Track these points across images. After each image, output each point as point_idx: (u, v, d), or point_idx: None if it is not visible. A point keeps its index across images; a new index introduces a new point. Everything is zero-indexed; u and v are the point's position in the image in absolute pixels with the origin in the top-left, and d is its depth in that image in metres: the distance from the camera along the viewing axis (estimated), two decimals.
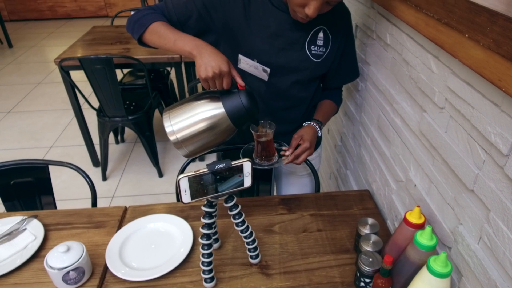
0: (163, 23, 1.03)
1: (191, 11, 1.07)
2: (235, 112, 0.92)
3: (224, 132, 0.94)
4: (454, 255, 0.81)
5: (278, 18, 1.08)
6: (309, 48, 1.12)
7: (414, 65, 0.96)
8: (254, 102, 0.95)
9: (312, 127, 1.17)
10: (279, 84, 1.17)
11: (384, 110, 1.18)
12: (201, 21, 1.09)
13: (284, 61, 1.13)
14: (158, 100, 2.80)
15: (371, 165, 1.32)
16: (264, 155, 1.13)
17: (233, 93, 0.93)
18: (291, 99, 1.22)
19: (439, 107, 0.85)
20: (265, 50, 1.12)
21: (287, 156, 1.12)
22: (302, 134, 1.13)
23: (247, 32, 1.11)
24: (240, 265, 1.03)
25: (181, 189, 0.81)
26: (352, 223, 1.15)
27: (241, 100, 0.92)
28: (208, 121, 0.92)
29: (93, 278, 1.00)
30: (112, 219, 1.20)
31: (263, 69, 1.14)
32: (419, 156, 0.96)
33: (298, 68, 1.14)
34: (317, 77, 1.21)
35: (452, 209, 0.82)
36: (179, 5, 1.07)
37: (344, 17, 1.16)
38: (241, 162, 0.85)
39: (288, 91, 1.19)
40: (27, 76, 4.45)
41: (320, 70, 1.18)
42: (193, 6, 1.07)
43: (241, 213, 0.95)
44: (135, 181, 2.70)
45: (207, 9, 1.07)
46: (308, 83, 1.21)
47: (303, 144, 1.11)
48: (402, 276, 0.85)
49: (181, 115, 0.95)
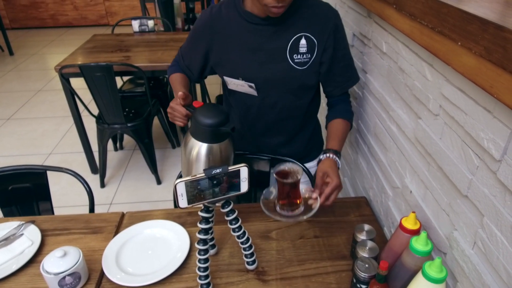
0: (173, 76, 1.25)
1: (190, 56, 1.23)
2: (199, 133, 0.88)
3: (213, 152, 0.90)
4: (449, 261, 0.82)
5: (254, 33, 1.09)
6: (291, 58, 1.10)
7: (409, 73, 0.98)
8: (211, 111, 0.89)
9: (331, 160, 1.07)
10: (270, 97, 1.18)
11: (380, 117, 1.19)
12: (200, 57, 1.20)
13: (268, 74, 1.12)
14: (158, 107, 2.81)
15: (368, 172, 1.33)
16: (287, 202, 1.02)
17: (191, 118, 0.92)
18: (286, 110, 1.22)
19: (434, 114, 0.86)
20: (246, 67, 1.13)
21: (315, 198, 1.00)
22: (326, 171, 1.03)
23: (227, 52, 1.14)
24: (236, 271, 1.03)
25: (178, 194, 0.82)
26: (349, 229, 1.16)
27: (195, 118, 0.88)
28: (195, 155, 0.90)
29: (89, 284, 1.00)
30: (109, 225, 1.20)
31: (249, 85, 1.15)
32: (415, 163, 0.97)
33: (285, 79, 1.13)
34: (311, 85, 1.18)
35: (447, 215, 0.82)
36: (183, 55, 1.27)
37: (330, 19, 1.09)
38: (238, 168, 0.85)
39: (280, 103, 1.19)
40: (27, 83, 4.47)
41: (309, 77, 1.14)
42: (189, 51, 1.22)
43: (238, 218, 0.95)
44: (133, 188, 2.70)
45: (197, 47, 1.18)
46: (300, 93, 1.19)
47: (332, 182, 1.01)
48: (398, 282, 0.85)
49: (184, 171, 0.94)
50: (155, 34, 3.09)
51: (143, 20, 3.13)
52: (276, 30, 1.08)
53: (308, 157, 1.37)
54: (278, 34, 1.08)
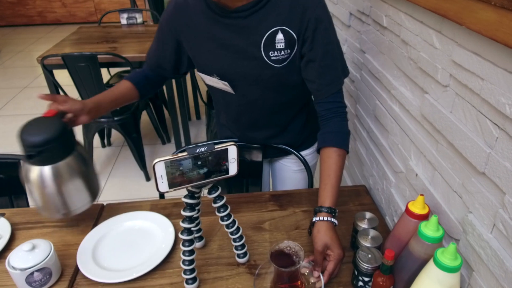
0: (118, 84, 1.12)
1: (159, 54, 1.12)
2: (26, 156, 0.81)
3: (72, 173, 0.86)
4: (462, 248, 0.73)
5: (223, 26, 0.97)
6: (266, 55, 0.96)
7: (414, 44, 0.89)
8: (33, 127, 0.84)
9: (327, 224, 0.88)
10: (249, 94, 1.07)
11: (381, 98, 1.11)
12: (172, 52, 1.10)
13: (243, 70, 1.01)
14: (146, 101, 2.71)
15: (367, 158, 1.24)
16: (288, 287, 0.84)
17: None
18: (269, 107, 1.11)
19: (443, 85, 0.78)
20: (219, 63, 1.02)
21: (318, 277, 0.85)
22: (325, 242, 0.86)
23: (197, 47, 1.03)
24: (226, 265, 0.94)
25: (157, 176, 0.72)
26: (348, 219, 1.07)
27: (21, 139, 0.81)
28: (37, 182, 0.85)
29: (62, 281, 0.90)
30: (87, 217, 1.09)
31: (223, 83, 1.05)
32: (421, 143, 0.88)
33: (262, 77, 1.00)
34: (294, 83, 1.03)
35: (459, 196, 0.74)
36: (150, 54, 1.15)
37: (309, 8, 0.92)
38: (225, 146, 0.76)
39: (261, 100, 1.08)
40: (13, 80, 4.34)
41: (290, 75, 1.00)
42: (158, 47, 1.11)
43: (226, 205, 0.86)
44: (121, 185, 2.59)
45: (165, 42, 1.08)
46: (283, 90, 1.05)
47: (334, 255, 0.85)
48: (405, 272, 0.76)
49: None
50: (143, 26, 2.98)
51: (132, 13, 3.02)
52: (248, 23, 0.94)
53: (305, 144, 1.27)
54: (250, 29, 0.95)
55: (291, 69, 0.99)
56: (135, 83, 1.13)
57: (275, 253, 0.82)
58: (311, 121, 1.23)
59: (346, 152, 0.99)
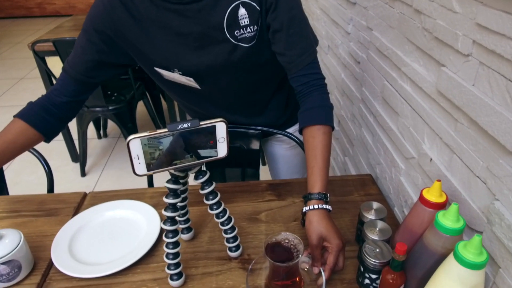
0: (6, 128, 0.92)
1: (86, 57, 0.91)
2: None
3: None
4: (486, 241, 0.63)
5: (177, 13, 0.84)
6: (232, 35, 0.85)
7: (429, 12, 0.79)
8: None
9: (320, 213, 0.78)
10: (218, 84, 0.95)
11: (389, 78, 1.01)
12: (106, 56, 0.91)
13: (209, 59, 0.89)
14: (143, 91, 2.61)
15: (374, 145, 1.14)
16: (285, 284, 0.75)
17: None
18: (243, 90, 1.00)
19: (464, 54, 0.67)
20: (178, 55, 0.89)
21: (319, 273, 0.75)
22: (320, 233, 0.75)
23: (148, 42, 0.88)
24: (216, 259, 0.84)
25: (133, 155, 0.62)
26: (353, 210, 0.97)
27: None
28: None
29: (33, 275, 0.81)
30: (67, 206, 1.00)
31: (187, 79, 0.93)
32: (436, 124, 0.78)
33: (231, 61, 0.89)
34: (266, 60, 0.93)
35: (483, 182, 0.64)
36: (76, 61, 0.92)
37: None
38: (212, 123, 0.66)
39: (232, 85, 0.97)
40: (10, 71, 4.27)
41: (261, 53, 0.90)
42: (87, 48, 0.90)
43: (216, 192, 0.76)
44: (116, 177, 2.50)
45: (94, 40, 0.89)
46: (256, 69, 0.95)
47: (332, 246, 0.74)
48: (418, 269, 0.67)
49: None
50: None
51: None
52: (203, 5, 0.83)
53: (292, 121, 1.17)
54: (207, 10, 0.83)
55: (261, 46, 0.89)
56: (32, 122, 0.91)
57: (271, 245, 0.73)
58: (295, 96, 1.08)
59: (331, 128, 0.89)
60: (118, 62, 0.95)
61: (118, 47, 0.91)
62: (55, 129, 0.97)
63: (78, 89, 0.95)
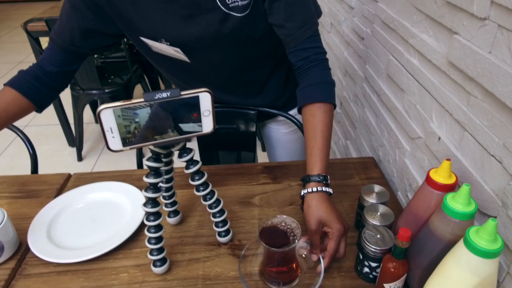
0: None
1: (73, 26, 0.85)
2: None
3: None
4: (501, 227, 0.56)
5: None
6: (223, 3, 0.78)
7: None
8: None
9: (320, 196, 0.72)
10: (209, 59, 0.88)
11: (395, 52, 0.93)
12: (95, 21, 0.85)
13: (198, 30, 0.82)
14: (140, 73, 2.54)
15: (377, 126, 1.07)
16: (280, 271, 0.69)
17: None
18: (237, 67, 0.93)
19: (480, 18, 0.60)
20: (166, 25, 0.82)
21: (317, 260, 0.69)
22: (319, 218, 0.69)
23: (135, 8, 0.81)
24: (204, 244, 0.78)
25: (105, 129, 0.56)
26: (353, 194, 0.90)
27: None
28: None
29: (10, 259, 0.75)
30: (50, 188, 0.95)
31: (174, 50, 0.86)
32: (446, 99, 0.71)
33: (222, 32, 0.82)
34: (262, 34, 0.85)
35: (498, 161, 0.57)
36: (62, 30, 0.86)
37: None
38: (195, 93, 0.59)
39: (226, 61, 0.90)
40: (8, 55, 4.21)
41: (256, 25, 0.83)
42: (72, 17, 0.84)
43: (203, 172, 0.70)
44: (113, 162, 2.45)
45: (79, 6, 0.82)
46: (250, 43, 0.87)
47: (332, 231, 0.68)
48: (423, 257, 0.60)
49: None
50: None
51: None
52: None
53: (292, 103, 1.10)
54: None
55: (255, 16, 0.81)
56: (24, 91, 0.86)
57: (267, 229, 0.67)
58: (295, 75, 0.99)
59: (333, 106, 0.82)
60: (105, 30, 0.88)
61: (104, 14, 0.85)
62: (47, 99, 0.92)
63: (66, 58, 0.89)
